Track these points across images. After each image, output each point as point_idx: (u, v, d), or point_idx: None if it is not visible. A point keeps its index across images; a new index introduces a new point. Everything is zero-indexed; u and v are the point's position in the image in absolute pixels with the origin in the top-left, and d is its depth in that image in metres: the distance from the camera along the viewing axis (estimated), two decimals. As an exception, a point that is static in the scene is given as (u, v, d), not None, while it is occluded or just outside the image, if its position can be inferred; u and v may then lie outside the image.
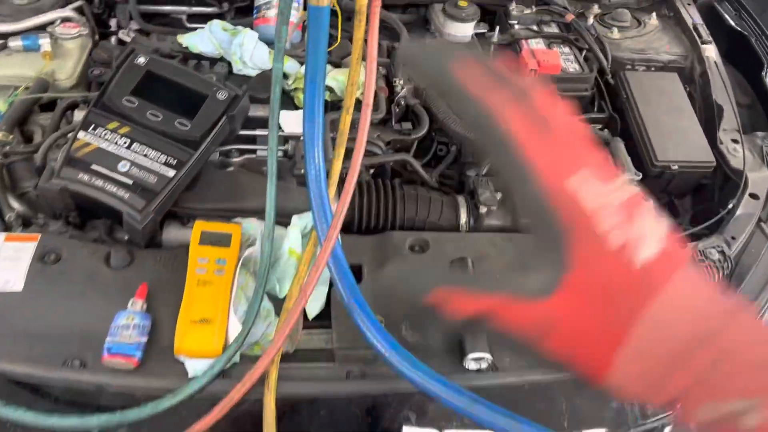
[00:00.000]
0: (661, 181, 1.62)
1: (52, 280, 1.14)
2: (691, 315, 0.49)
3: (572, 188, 0.51)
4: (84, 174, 1.20)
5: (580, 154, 0.54)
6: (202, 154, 1.28)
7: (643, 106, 1.68)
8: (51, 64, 1.50)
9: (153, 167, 1.23)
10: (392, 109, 1.58)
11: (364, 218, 1.37)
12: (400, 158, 1.50)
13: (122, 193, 1.19)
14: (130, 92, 1.30)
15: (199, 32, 1.57)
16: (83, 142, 1.23)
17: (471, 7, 1.82)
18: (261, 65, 1.54)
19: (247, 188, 1.34)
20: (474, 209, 1.41)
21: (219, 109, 1.34)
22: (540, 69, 1.68)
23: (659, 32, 1.93)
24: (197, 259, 1.15)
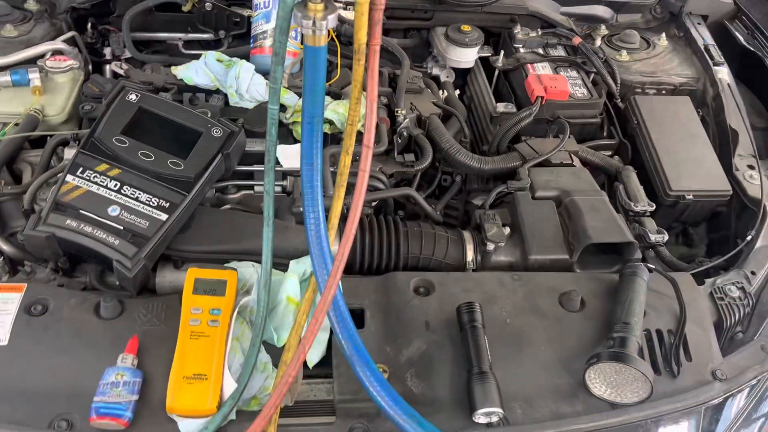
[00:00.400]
0: (675, 210, 1.56)
1: (38, 334, 1.09)
2: None
3: None
4: (72, 220, 1.14)
5: None
6: (195, 196, 1.23)
7: (655, 133, 1.63)
8: (41, 100, 1.45)
9: (144, 211, 1.18)
10: (394, 140, 1.53)
11: (366, 258, 1.31)
12: (404, 193, 1.44)
13: (112, 240, 1.14)
14: (121, 131, 1.25)
15: (193, 64, 1.52)
16: (71, 185, 1.18)
17: (474, 32, 1.77)
18: (258, 97, 1.49)
19: (243, 229, 1.29)
20: (481, 245, 1.36)
21: (214, 146, 1.29)
22: (547, 95, 1.62)
23: (669, 54, 1.87)
24: (190, 310, 1.10)
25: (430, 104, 1.64)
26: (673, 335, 1.21)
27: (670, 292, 1.27)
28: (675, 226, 1.64)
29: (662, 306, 1.26)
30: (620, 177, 1.55)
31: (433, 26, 1.87)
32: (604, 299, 1.26)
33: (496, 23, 1.87)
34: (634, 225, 1.46)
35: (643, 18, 2.00)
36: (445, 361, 1.14)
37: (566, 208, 1.40)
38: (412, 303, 1.21)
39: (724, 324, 1.28)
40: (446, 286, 1.25)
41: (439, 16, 1.85)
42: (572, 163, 1.56)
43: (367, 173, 1.01)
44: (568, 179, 1.48)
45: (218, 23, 1.75)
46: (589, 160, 1.59)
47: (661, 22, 1.99)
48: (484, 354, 1.10)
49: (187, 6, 1.71)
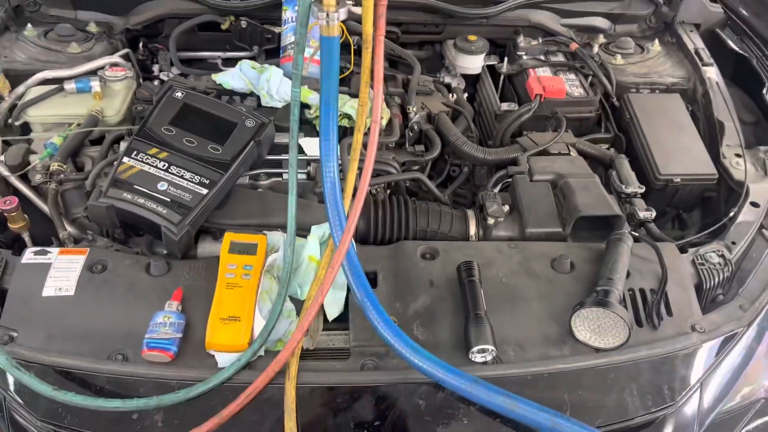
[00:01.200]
0: (665, 194, 1.70)
1: (99, 287, 1.28)
2: None
3: None
4: (128, 193, 1.35)
5: None
6: (231, 175, 1.43)
7: (646, 125, 1.78)
8: (100, 103, 1.68)
9: (188, 186, 1.38)
10: (406, 133, 1.71)
11: (379, 231, 1.49)
12: (413, 176, 1.62)
13: (161, 209, 1.34)
14: (169, 122, 1.47)
15: (230, 71, 1.74)
16: (127, 165, 1.39)
17: (480, 41, 1.96)
18: (286, 98, 1.69)
19: (272, 206, 1.48)
20: (483, 221, 1.51)
21: (247, 135, 1.49)
22: (546, 94, 1.79)
23: (662, 57, 2.03)
24: (227, 265, 1.28)
25: (440, 104, 1.83)
26: (655, 293, 1.34)
27: (654, 258, 1.41)
28: (669, 211, 1.78)
29: (646, 270, 1.39)
30: (614, 165, 1.70)
31: (444, 39, 2.06)
32: (593, 264, 1.40)
33: (501, 34, 2.06)
34: (625, 206, 1.60)
35: (638, 28, 2.17)
36: (446, 312, 1.29)
37: (561, 189, 1.55)
38: (419, 266, 1.38)
39: (704, 286, 1.41)
40: (449, 252, 1.41)
41: (449, 30, 2.04)
42: (569, 153, 1.72)
43: (375, 142, 1.20)
44: (563, 165, 1.64)
45: (252, 39, 1.98)
46: (585, 152, 1.75)
47: (656, 31, 2.16)
48: (480, 302, 1.26)
49: (225, 24, 1.94)
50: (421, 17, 2.02)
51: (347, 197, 1.28)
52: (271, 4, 1.90)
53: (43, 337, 1.20)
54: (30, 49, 1.84)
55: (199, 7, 1.93)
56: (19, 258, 1.32)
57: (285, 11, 1.84)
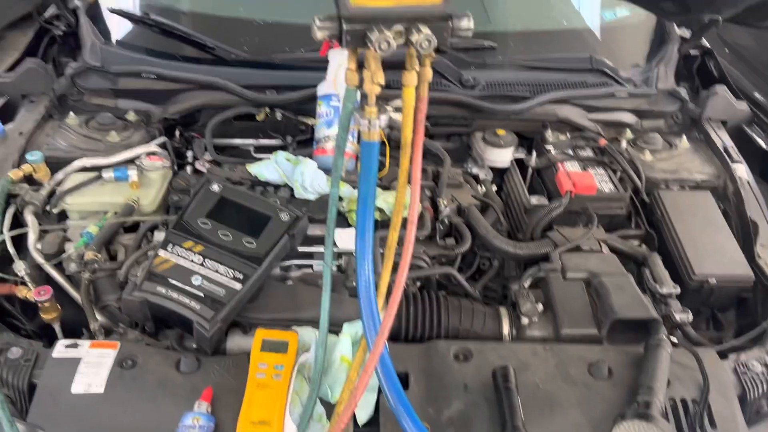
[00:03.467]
0: (700, 294, 1.67)
1: (129, 384, 1.27)
2: None
3: None
4: (162, 287, 1.35)
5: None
6: (265, 269, 1.43)
7: (678, 223, 1.77)
8: (136, 192, 1.71)
9: (222, 281, 1.38)
10: (437, 226, 1.72)
11: (410, 328, 1.47)
12: (445, 271, 1.61)
13: (194, 305, 1.34)
14: (205, 215, 1.48)
15: (265, 162, 1.78)
16: (163, 258, 1.40)
17: (509, 135, 1.99)
18: (319, 190, 1.71)
19: (304, 300, 1.47)
20: (516, 320, 1.49)
21: (281, 229, 1.50)
22: (576, 189, 1.80)
23: (691, 154, 2.04)
24: (258, 365, 1.27)
25: (470, 196, 1.84)
26: (697, 404, 1.29)
27: (694, 365, 1.37)
28: (704, 311, 1.74)
29: (686, 377, 1.35)
30: (647, 263, 1.69)
31: (472, 132, 2.09)
32: (631, 369, 1.36)
33: (529, 128, 2.09)
34: (660, 306, 1.58)
35: (666, 123, 2.19)
36: (482, 420, 1.26)
37: (595, 288, 1.53)
38: (452, 367, 1.35)
39: (748, 397, 1.36)
40: (484, 354, 1.38)
41: (477, 123, 2.08)
42: (601, 249, 1.71)
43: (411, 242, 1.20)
44: (596, 263, 1.62)
45: (286, 130, 2.02)
46: (617, 248, 1.74)
47: (683, 127, 2.18)
48: (517, 412, 1.22)
49: (260, 116, 1.99)
50: (451, 111, 2.06)
51: (381, 295, 1.27)
52: (306, 97, 1.96)
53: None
54: (71, 137, 1.89)
55: (236, 99, 1.98)
56: (50, 351, 1.31)
57: (320, 105, 1.89)
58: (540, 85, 2.10)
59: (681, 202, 1.85)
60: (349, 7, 1.04)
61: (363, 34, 1.05)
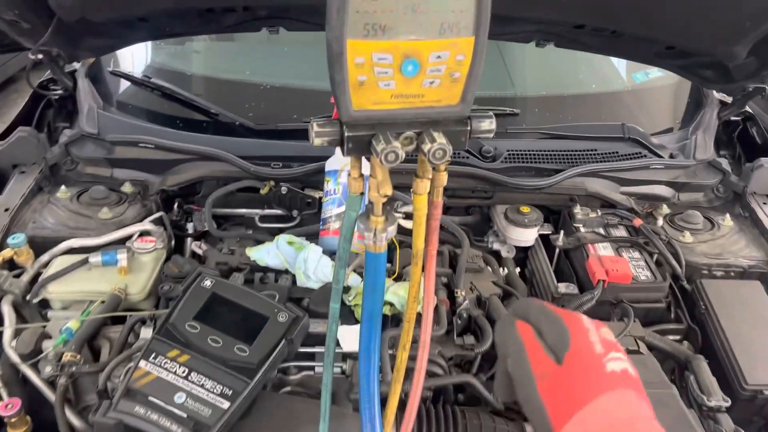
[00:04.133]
0: (753, 405, 1.47)
1: None
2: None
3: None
4: (140, 407, 1.19)
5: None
6: (257, 383, 1.26)
7: (725, 320, 1.58)
8: (125, 279, 1.56)
9: (208, 399, 1.22)
10: (454, 321, 1.55)
11: (423, 452, 1.29)
12: (463, 381, 1.43)
13: (175, 428, 1.17)
14: (194, 317, 1.33)
15: (266, 246, 1.63)
16: (143, 371, 1.24)
17: (533, 213, 1.83)
18: (323, 279, 1.56)
19: (300, 417, 1.30)
20: (543, 441, 1.30)
21: (279, 332, 1.33)
22: (609, 278, 1.62)
23: (735, 234, 1.86)
24: (245, 507, 1.09)
25: (490, 283, 1.66)
26: None
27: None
28: (756, 421, 1.54)
29: None
30: (690, 367, 1.49)
31: (493, 204, 1.93)
32: None
33: (555, 202, 1.92)
34: (708, 422, 1.38)
35: (705, 197, 2.02)
36: None
37: (634, 403, 1.35)
38: None
39: None
40: (507, 491, 1.20)
41: (499, 195, 1.92)
42: (638, 349, 1.52)
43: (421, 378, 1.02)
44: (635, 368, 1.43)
45: (292, 204, 1.88)
46: (656, 346, 1.55)
47: (725, 201, 2.00)
48: None
49: (264, 190, 1.85)
50: (470, 183, 1.90)
51: (388, 424, 1.10)
52: (314, 171, 1.81)
53: None
54: (60, 214, 1.76)
55: (239, 171, 1.85)
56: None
57: (328, 182, 1.75)
58: (567, 156, 1.94)
59: (727, 293, 1.66)
60: (351, 111, 0.89)
61: (367, 141, 0.90)
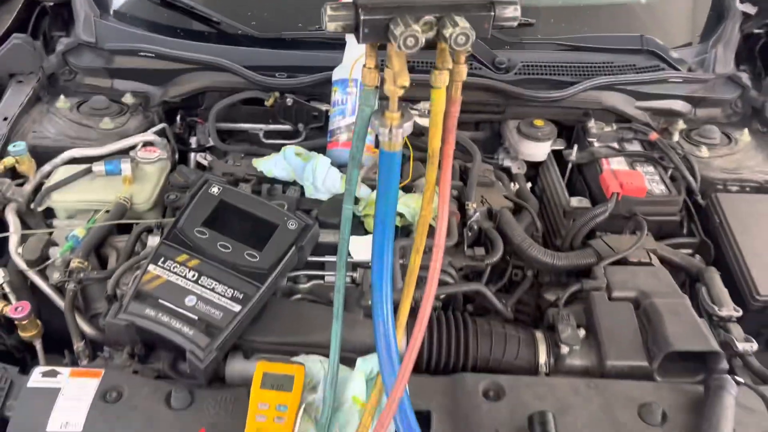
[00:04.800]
0: (764, 316, 1.47)
1: (111, 421, 1.11)
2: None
3: None
4: (151, 309, 1.19)
5: None
6: (268, 288, 1.25)
7: (740, 233, 1.56)
8: (130, 189, 1.54)
9: (219, 302, 1.21)
10: (464, 233, 1.53)
11: (434, 356, 1.29)
12: (474, 289, 1.42)
13: (187, 330, 1.17)
14: (202, 223, 1.31)
15: (273, 157, 1.59)
16: (153, 275, 1.23)
17: (547, 126, 1.78)
18: (332, 189, 1.53)
19: (312, 321, 1.30)
20: (554, 347, 1.31)
21: (288, 239, 1.32)
22: (623, 191, 1.59)
23: (753, 149, 1.82)
24: (257, 405, 1.10)
25: (501, 197, 1.64)
26: (766, 458, 1.11)
27: (760, 407, 1.18)
28: (765, 333, 1.54)
29: (751, 423, 1.17)
30: (702, 278, 1.48)
31: (504, 119, 1.88)
32: (688, 413, 1.17)
33: (569, 117, 1.87)
34: (719, 331, 1.38)
35: (723, 113, 1.96)
36: (515, 473, 1.09)
37: (645, 311, 1.34)
38: (481, 407, 1.17)
39: (827, 448, 1.18)
40: (517, 391, 1.20)
41: (511, 110, 1.87)
42: (650, 261, 1.51)
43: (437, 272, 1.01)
44: (646, 280, 1.42)
45: (297, 117, 1.83)
46: (668, 259, 1.54)
47: (743, 116, 1.94)
48: (557, 470, 1.05)
49: (269, 101, 1.80)
50: (482, 97, 1.84)
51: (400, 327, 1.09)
52: (320, 81, 1.75)
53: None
54: (61, 124, 1.72)
55: (243, 82, 1.79)
56: (26, 379, 1.16)
57: (335, 92, 1.69)
58: (583, 68, 1.87)
59: (742, 207, 1.63)
60: (369, -7, 0.84)
61: (385, 26, 0.85)
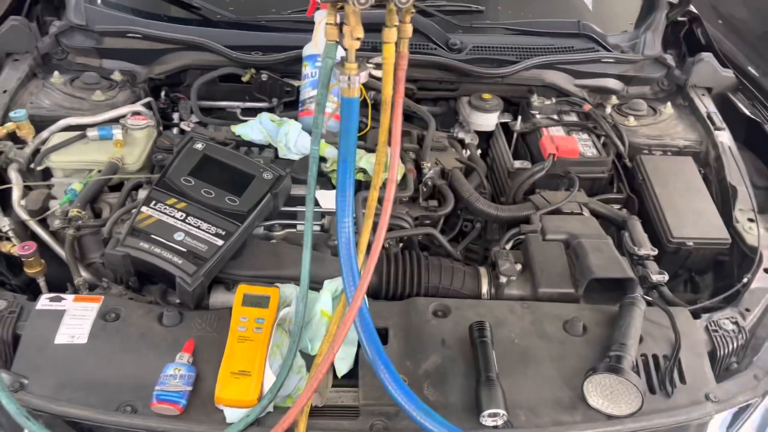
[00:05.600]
0: (678, 257, 1.70)
1: (111, 336, 1.29)
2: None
3: None
4: (144, 243, 1.37)
5: None
6: (247, 226, 1.44)
7: (659, 187, 1.79)
8: (121, 151, 1.71)
9: (204, 237, 1.39)
10: (420, 188, 1.73)
11: (391, 286, 1.49)
12: (426, 232, 1.63)
13: (176, 259, 1.35)
14: (188, 173, 1.49)
15: (250, 123, 1.78)
16: (145, 215, 1.41)
17: (494, 99, 2.00)
18: (303, 151, 1.72)
19: (286, 258, 1.49)
20: (495, 279, 1.51)
21: (264, 187, 1.51)
22: (559, 153, 1.81)
23: (675, 120, 2.06)
24: (239, 318, 1.29)
25: (454, 160, 1.85)
26: (668, 360, 1.33)
27: (667, 323, 1.40)
28: (681, 274, 1.77)
29: (659, 335, 1.39)
30: (626, 226, 1.71)
31: (458, 96, 2.10)
32: (605, 327, 1.39)
33: (515, 93, 2.09)
34: (637, 267, 1.60)
35: (651, 90, 2.20)
36: (457, 373, 1.29)
37: (573, 249, 1.56)
38: (431, 323, 1.37)
39: (718, 353, 1.40)
40: (461, 310, 1.41)
41: (464, 87, 2.08)
42: (581, 213, 1.73)
43: (390, 201, 1.21)
44: (576, 225, 1.64)
45: (272, 92, 2.02)
46: (597, 211, 1.75)
47: (668, 93, 2.19)
48: (491, 364, 1.25)
49: (245, 77, 1.99)
50: (437, 75, 2.06)
51: (361, 252, 1.29)
52: (292, 59, 1.95)
53: (53, 386, 1.20)
54: (55, 96, 1.88)
55: (221, 59, 1.98)
56: (34, 304, 1.33)
57: (305, 66, 1.89)
58: (527, 50, 2.10)
59: (662, 167, 1.87)
60: (327, -39, 1.04)
61: (342, -12, 1.06)
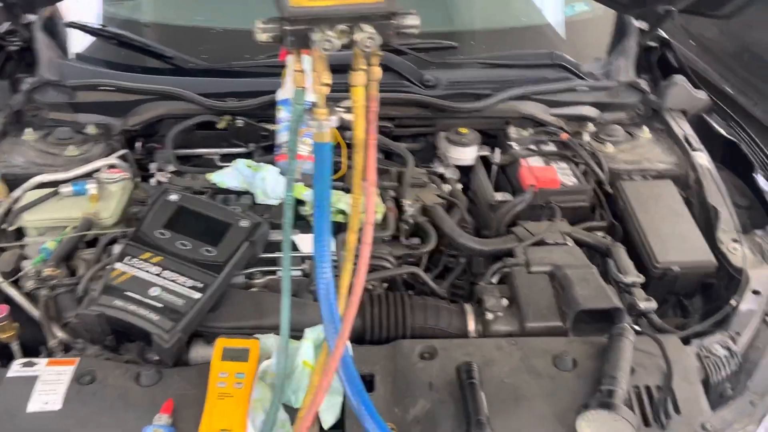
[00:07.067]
0: (664, 282, 1.68)
1: (87, 399, 1.25)
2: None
3: None
4: (119, 300, 1.33)
5: None
6: (225, 277, 1.41)
7: (641, 213, 1.78)
8: (96, 206, 1.68)
9: (181, 291, 1.36)
10: (401, 226, 1.71)
11: (375, 329, 1.46)
12: (409, 271, 1.60)
13: (152, 316, 1.32)
14: (163, 225, 1.47)
15: (226, 170, 1.77)
16: (119, 271, 1.38)
17: (471, 134, 2.00)
18: (281, 195, 1.70)
19: (267, 306, 1.46)
20: (481, 315, 1.49)
21: (241, 235, 1.49)
22: (539, 184, 1.81)
23: (652, 144, 2.06)
24: (218, 374, 1.25)
25: (434, 196, 1.84)
26: (662, 391, 1.30)
27: (657, 352, 1.37)
28: (669, 298, 1.75)
29: (650, 364, 1.36)
30: (611, 253, 1.69)
31: (436, 132, 2.10)
32: (595, 360, 1.36)
33: (492, 125, 2.09)
34: (624, 296, 1.58)
35: (627, 115, 2.21)
36: (447, 417, 1.25)
37: (559, 281, 1.53)
38: (417, 366, 1.34)
39: (711, 380, 1.37)
40: (448, 351, 1.38)
41: (441, 123, 2.08)
42: (565, 242, 1.71)
43: (369, 245, 1.19)
44: (561, 256, 1.62)
45: (249, 137, 2.01)
46: (581, 240, 1.74)
47: (645, 118, 2.20)
48: (481, 406, 1.22)
49: (221, 124, 1.98)
50: (414, 111, 2.06)
51: (341, 298, 1.26)
52: (267, 103, 1.95)
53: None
54: (28, 153, 1.86)
55: (196, 108, 1.97)
56: (5, 371, 1.29)
57: (279, 110, 1.89)
58: (501, 83, 2.11)
59: (643, 192, 1.86)
60: (288, 8, 1.04)
61: (306, 35, 1.05)
